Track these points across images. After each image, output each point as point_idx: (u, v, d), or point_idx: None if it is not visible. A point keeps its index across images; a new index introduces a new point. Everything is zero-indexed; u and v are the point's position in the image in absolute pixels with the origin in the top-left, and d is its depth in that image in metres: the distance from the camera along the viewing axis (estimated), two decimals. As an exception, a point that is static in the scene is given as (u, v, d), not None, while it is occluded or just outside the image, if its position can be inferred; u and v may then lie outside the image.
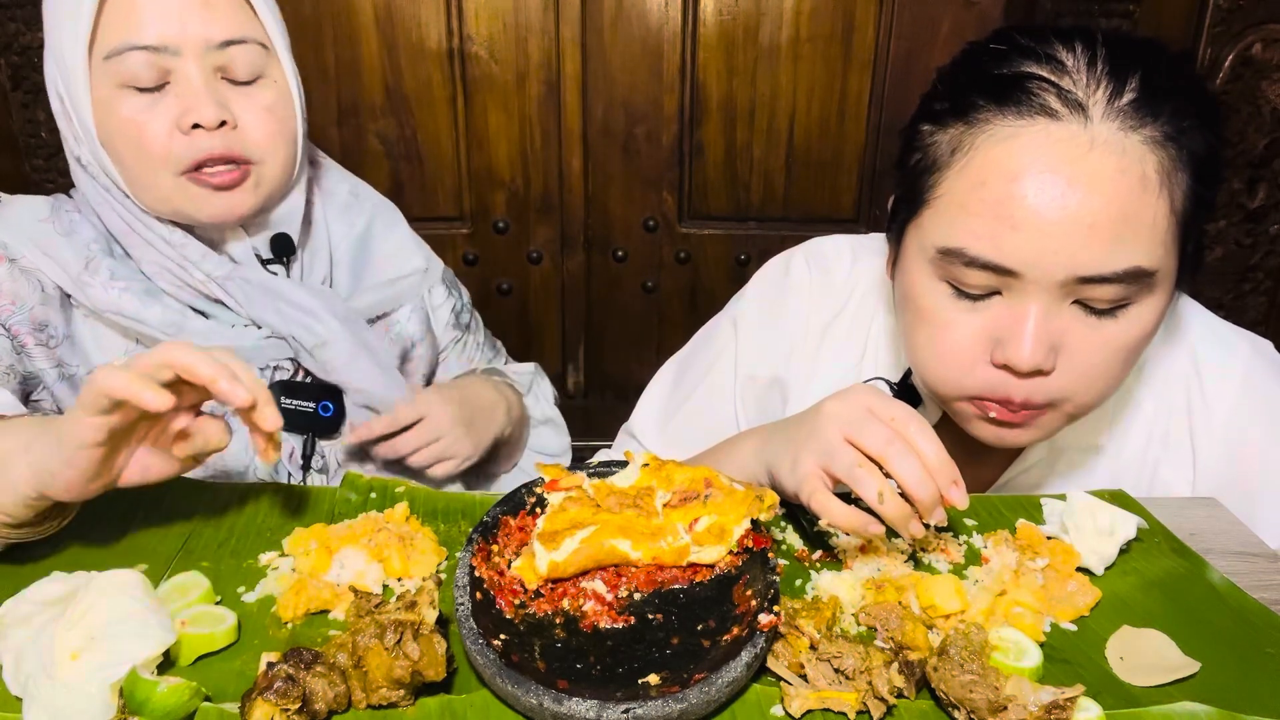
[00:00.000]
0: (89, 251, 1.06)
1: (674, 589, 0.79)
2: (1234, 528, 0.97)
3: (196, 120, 1.00)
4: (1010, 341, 0.83)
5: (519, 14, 1.92)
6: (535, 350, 2.23)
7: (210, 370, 0.71)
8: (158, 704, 0.64)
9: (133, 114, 0.99)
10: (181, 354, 0.72)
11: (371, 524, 0.86)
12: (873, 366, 1.06)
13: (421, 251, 1.32)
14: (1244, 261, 2.18)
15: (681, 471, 0.84)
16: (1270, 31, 1.98)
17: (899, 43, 1.97)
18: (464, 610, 0.72)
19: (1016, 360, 0.83)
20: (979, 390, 0.87)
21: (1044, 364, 0.83)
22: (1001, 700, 0.66)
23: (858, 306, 1.08)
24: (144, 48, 0.97)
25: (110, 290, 1.05)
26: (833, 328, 1.08)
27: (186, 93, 0.99)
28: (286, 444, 1.14)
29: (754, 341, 1.13)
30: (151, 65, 0.98)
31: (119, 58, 0.97)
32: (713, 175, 2.09)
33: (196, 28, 0.98)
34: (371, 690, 0.67)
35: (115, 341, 1.09)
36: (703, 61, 1.98)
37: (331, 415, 1.15)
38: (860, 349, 1.07)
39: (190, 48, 0.98)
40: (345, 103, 1.94)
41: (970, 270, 0.83)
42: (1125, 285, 0.81)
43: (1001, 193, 0.80)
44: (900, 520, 0.78)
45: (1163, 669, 0.74)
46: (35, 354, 1.06)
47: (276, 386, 1.13)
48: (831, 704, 0.68)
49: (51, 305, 1.06)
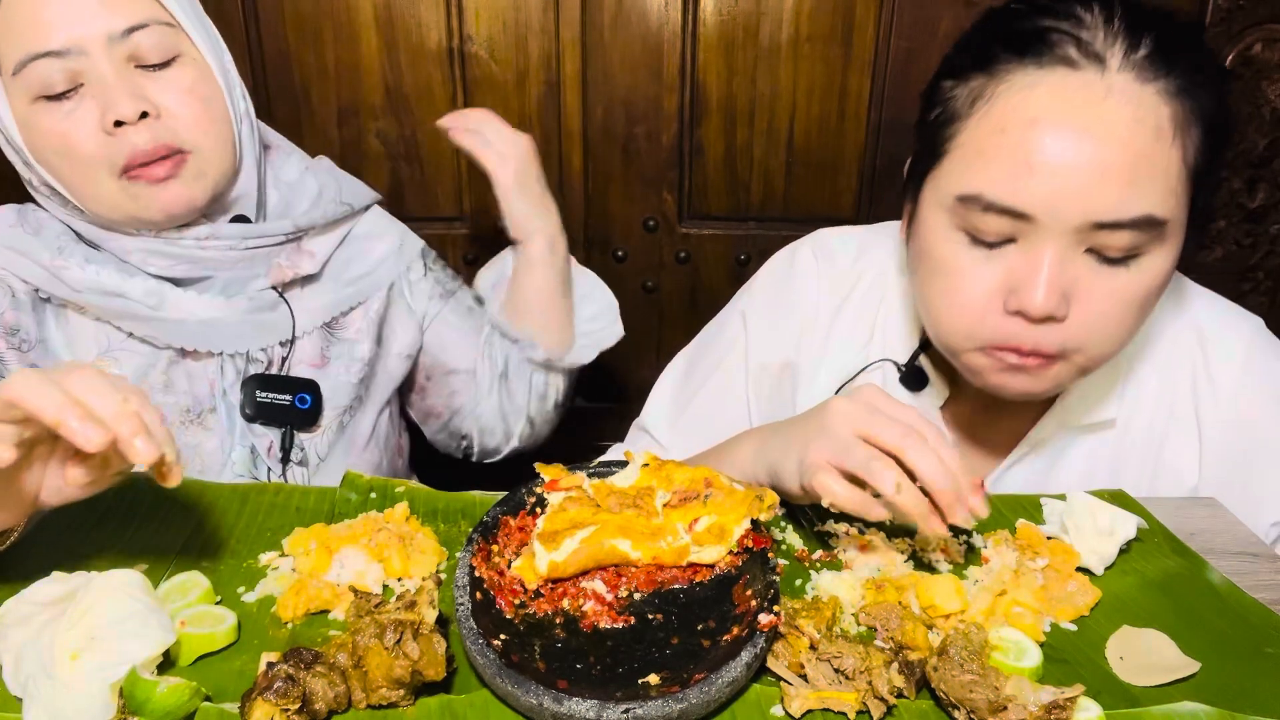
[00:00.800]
0: (59, 241, 1.05)
1: (674, 589, 0.79)
2: (1234, 528, 0.97)
3: (116, 117, 0.97)
4: (1024, 288, 0.84)
5: (519, 14, 1.92)
6: (535, 350, 2.23)
7: (54, 412, 0.63)
8: (158, 704, 0.64)
9: (54, 124, 0.97)
10: (18, 389, 0.64)
11: (371, 524, 0.86)
12: (880, 349, 1.06)
13: (394, 230, 1.30)
14: (1244, 261, 2.18)
15: (681, 471, 0.84)
16: (1270, 31, 1.98)
17: (899, 43, 1.97)
18: (464, 610, 0.72)
19: (1030, 307, 0.84)
20: (992, 339, 0.88)
21: (1056, 311, 0.84)
22: (1001, 700, 0.66)
23: (865, 292, 1.09)
24: (48, 54, 0.94)
25: (87, 270, 1.04)
26: (841, 312, 1.09)
27: (101, 91, 0.97)
28: (265, 438, 1.13)
29: (764, 330, 1.13)
30: (60, 70, 0.95)
31: (26, 69, 0.95)
32: (713, 175, 2.09)
33: (96, 23, 0.95)
34: (371, 690, 0.67)
35: (88, 341, 1.08)
36: (703, 61, 1.98)
37: (309, 407, 1.14)
38: (868, 333, 1.08)
39: (94, 44, 0.96)
40: (345, 103, 1.94)
41: (987, 216, 0.84)
42: (1137, 232, 0.82)
43: (1019, 138, 0.82)
44: (919, 512, 0.77)
45: (1163, 669, 0.74)
46: (9, 358, 1.05)
47: (252, 380, 1.12)
48: (831, 704, 0.68)
49: (23, 309, 1.05)
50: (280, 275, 1.13)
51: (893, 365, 1.05)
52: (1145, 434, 1.03)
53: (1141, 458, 1.02)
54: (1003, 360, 0.89)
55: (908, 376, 1.04)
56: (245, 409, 1.12)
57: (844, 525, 0.92)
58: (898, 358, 1.06)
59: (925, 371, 1.04)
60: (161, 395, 1.09)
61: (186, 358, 1.11)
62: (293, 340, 1.15)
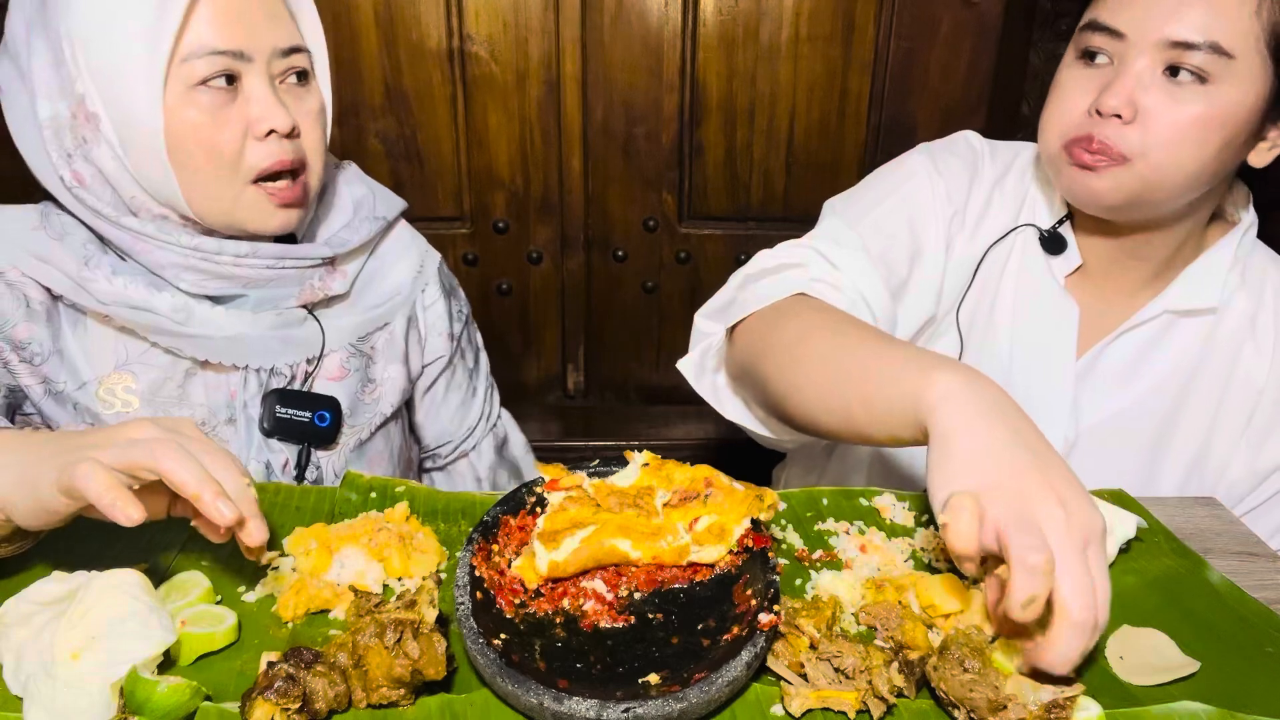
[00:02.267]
0: (85, 251, 1.04)
1: (674, 589, 0.79)
2: (1234, 528, 0.97)
3: (272, 126, 1.00)
4: (1106, 91, 1.01)
5: (519, 14, 1.92)
6: (535, 350, 2.23)
7: (195, 487, 0.69)
8: (158, 704, 0.64)
9: (205, 119, 0.98)
10: (167, 461, 0.69)
11: (371, 524, 0.86)
12: (1029, 217, 1.20)
13: (415, 247, 1.28)
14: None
15: (681, 471, 0.84)
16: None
17: (899, 43, 1.97)
18: (464, 610, 0.72)
19: (1104, 102, 1.00)
20: (1073, 131, 1.04)
21: (1123, 110, 0.99)
22: (1001, 699, 0.66)
23: (1021, 169, 1.23)
24: (220, 52, 0.97)
25: (115, 282, 1.03)
26: (1002, 183, 1.22)
27: (258, 99, 1.00)
28: (280, 454, 1.12)
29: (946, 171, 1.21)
30: (223, 68, 0.98)
31: (194, 62, 0.96)
32: (713, 175, 2.09)
33: (267, 35, 1.00)
34: (372, 689, 0.67)
35: (106, 352, 1.07)
36: (703, 61, 1.98)
37: (328, 425, 1.13)
38: (1019, 203, 1.21)
39: (260, 54, 0.99)
40: (345, 103, 1.94)
41: (1095, 35, 1.02)
42: (1207, 55, 0.96)
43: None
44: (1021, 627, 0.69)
45: (1163, 668, 0.74)
46: (19, 370, 1.04)
47: (273, 395, 1.11)
48: (831, 703, 0.68)
49: (36, 320, 1.04)
50: (311, 295, 1.12)
51: (1034, 229, 1.18)
52: (1231, 335, 1.15)
53: (1224, 356, 1.15)
54: (1076, 157, 1.03)
55: (1048, 241, 1.17)
56: (264, 423, 1.11)
57: (844, 524, 0.92)
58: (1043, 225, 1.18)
59: (1064, 238, 1.17)
60: (174, 409, 1.08)
61: (207, 369, 1.09)
62: (320, 357, 1.15)
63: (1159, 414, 1.15)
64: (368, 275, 1.21)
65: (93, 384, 1.05)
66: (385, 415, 1.22)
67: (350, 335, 1.17)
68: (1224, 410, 1.15)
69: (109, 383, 1.06)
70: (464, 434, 1.39)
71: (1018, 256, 1.18)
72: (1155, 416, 1.16)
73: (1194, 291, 1.14)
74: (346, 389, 1.17)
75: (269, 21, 1.00)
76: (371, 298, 1.21)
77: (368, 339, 1.20)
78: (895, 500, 0.96)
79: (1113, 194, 1.03)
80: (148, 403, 1.07)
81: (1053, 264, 1.16)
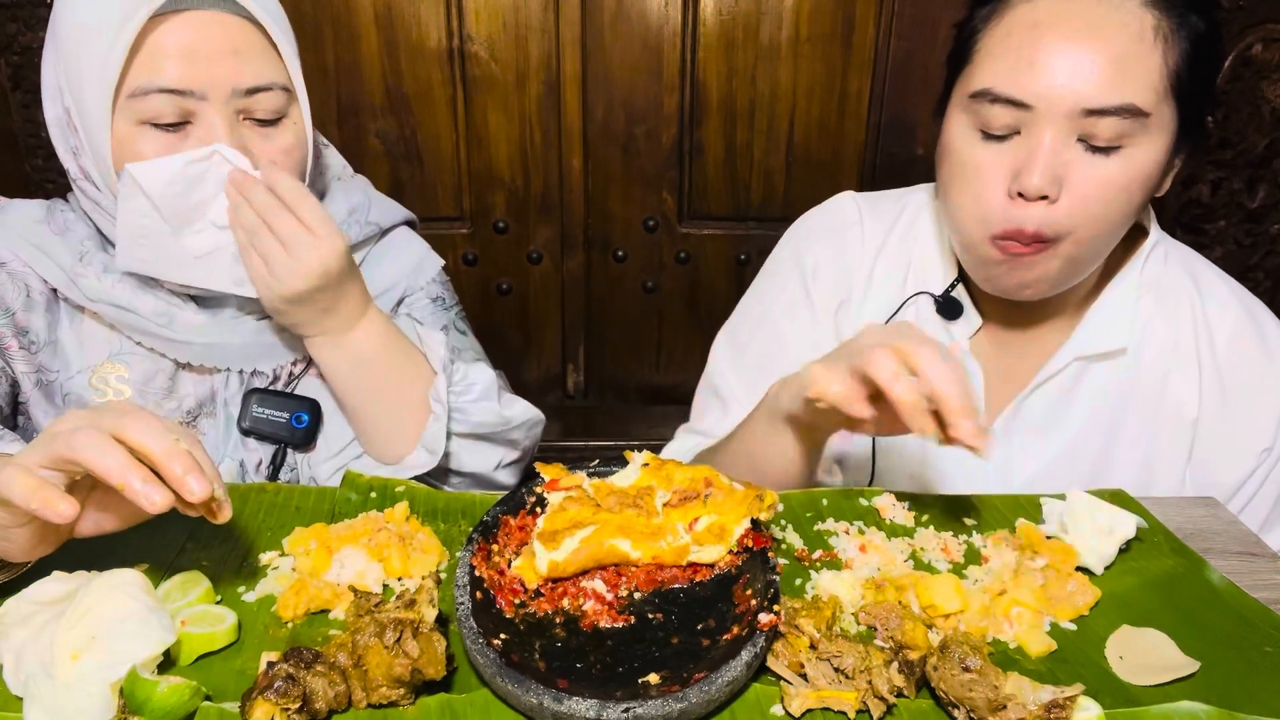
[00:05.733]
0: (82, 247, 1.06)
1: (674, 588, 0.79)
2: (1234, 528, 0.97)
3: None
4: (1024, 171, 0.96)
5: (519, 14, 1.93)
6: (535, 350, 2.23)
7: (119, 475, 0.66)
8: (158, 704, 0.64)
9: (152, 152, 0.97)
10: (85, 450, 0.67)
11: (371, 524, 0.86)
12: (917, 284, 1.18)
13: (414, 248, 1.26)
14: (1244, 261, 2.18)
15: (681, 471, 0.84)
16: (1270, 31, 1.98)
17: (899, 42, 1.97)
18: (464, 610, 0.72)
19: (1026, 184, 0.96)
20: (1000, 226, 0.99)
21: (1049, 190, 0.95)
22: (1001, 699, 0.66)
23: (903, 232, 1.21)
24: (169, 90, 0.95)
25: (104, 280, 1.04)
26: (883, 250, 1.21)
27: (208, 138, 0.98)
28: (255, 453, 1.12)
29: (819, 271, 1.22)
30: (175, 106, 0.96)
31: (143, 98, 0.95)
32: (713, 175, 2.09)
33: (225, 75, 0.97)
34: (371, 689, 0.67)
35: (99, 344, 1.08)
36: (703, 61, 1.98)
37: (306, 426, 1.12)
38: (905, 269, 1.20)
39: (216, 94, 0.97)
40: (345, 103, 1.94)
41: (994, 108, 0.97)
42: (1122, 120, 0.94)
43: (1021, 39, 0.96)
44: (911, 402, 0.82)
45: (1162, 668, 0.74)
46: (16, 358, 1.06)
47: (252, 394, 1.11)
48: (831, 703, 0.68)
49: (35, 310, 1.06)
50: None
51: (929, 297, 1.16)
52: (1152, 366, 1.12)
53: (1149, 388, 1.12)
54: (1007, 250, 1.00)
55: (943, 306, 1.15)
56: (241, 422, 1.11)
57: (844, 524, 0.92)
58: (934, 290, 1.17)
59: (959, 302, 1.15)
60: (164, 400, 1.09)
61: (191, 367, 1.10)
62: (309, 362, 1.15)
63: (1090, 457, 1.13)
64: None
65: (85, 372, 1.07)
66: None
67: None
68: (1160, 444, 1.11)
69: (101, 370, 1.08)
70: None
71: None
72: (1087, 460, 1.13)
73: (1101, 335, 1.11)
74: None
75: (231, 59, 0.97)
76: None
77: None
78: (895, 500, 0.96)
79: (1039, 284, 1.02)
80: (140, 394, 1.08)
81: (952, 329, 1.14)
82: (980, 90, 0.98)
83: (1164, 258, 1.13)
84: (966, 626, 0.77)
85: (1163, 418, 1.11)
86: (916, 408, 0.82)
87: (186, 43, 0.95)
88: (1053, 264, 1.00)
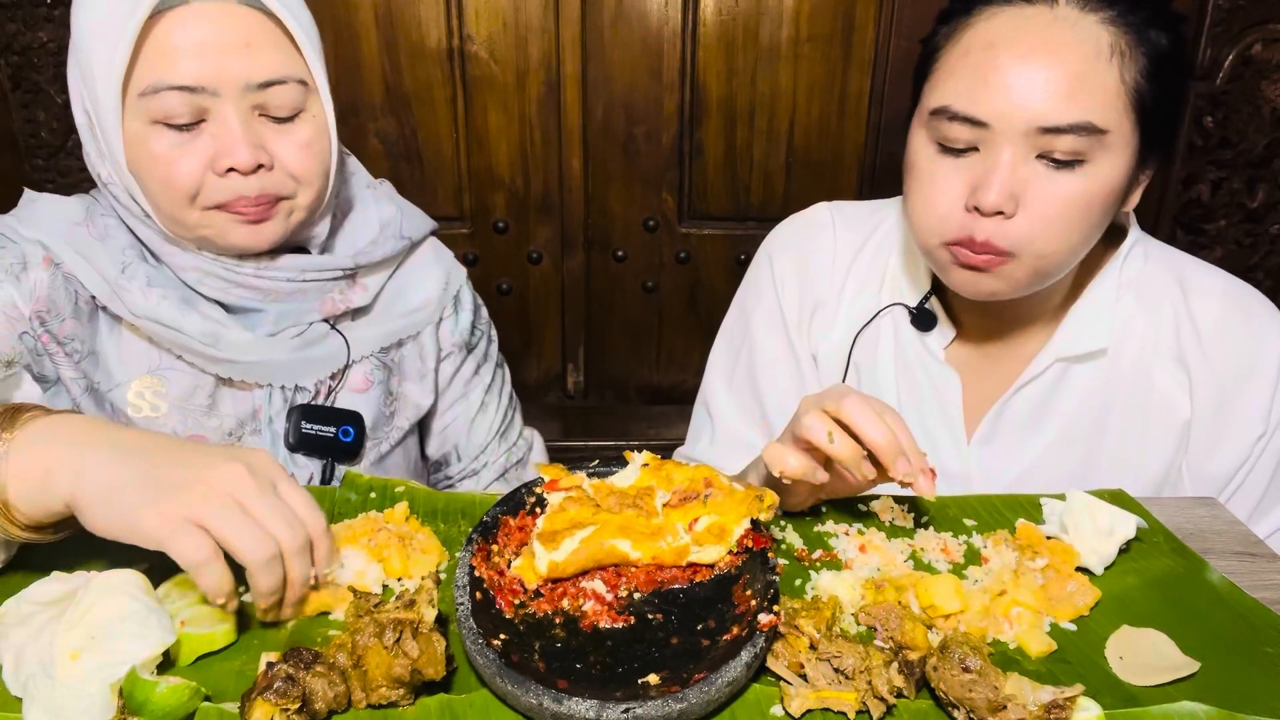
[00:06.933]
0: (124, 257, 1.03)
1: (674, 589, 0.79)
2: (1234, 528, 0.97)
3: (231, 164, 0.97)
4: (980, 187, 0.97)
5: (519, 14, 1.92)
6: (535, 350, 2.23)
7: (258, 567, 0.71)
8: (158, 704, 0.64)
9: (164, 151, 0.96)
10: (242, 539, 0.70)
11: (371, 524, 0.86)
12: (891, 295, 1.19)
13: (441, 263, 1.25)
14: (1244, 261, 2.18)
15: (681, 471, 0.84)
16: (1270, 31, 1.98)
17: (899, 42, 1.97)
18: (464, 610, 0.72)
19: (982, 200, 0.96)
20: (954, 234, 1.00)
21: (1005, 206, 0.96)
22: (1001, 700, 0.66)
23: (878, 243, 1.21)
24: (181, 88, 0.93)
25: (149, 296, 1.02)
26: (856, 261, 1.22)
27: (222, 134, 0.96)
28: (304, 470, 1.12)
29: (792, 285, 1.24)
30: (188, 104, 0.94)
31: (154, 96, 0.94)
32: (713, 175, 2.09)
33: (237, 69, 0.95)
34: (371, 689, 0.67)
35: (139, 357, 1.06)
36: (703, 61, 1.98)
37: (352, 440, 1.12)
38: (880, 280, 1.20)
39: (229, 89, 0.95)
40: (345, 103, 1.94)
41: (953, 125, 0.98)
42: (1079, 137, 0.94)
43: (979, 58, 0.97)
44: (851, 456, 0.85)
45: (1163, 669, 0.74)
46: (62, 363, 1.03)
47: (297, 410, 1.11)
48: (831, 704, 0.68)
49: (80, 318, 1.04)
50: (332, 308, 1.11)
51: (904, 308, 1.17)
52: (1134, 366, 1.12)
53: (1132, 387, 1.12)
54: (959, 255, 1.01)
55: (918, 318, 1.16)
56: (289, 439, 1.10)
57: (843, 525, 0.92)
58: (908, 301, 1.18)
59: (933, 313, 1.16)
60: (205, 418, 1.08)
61: (232, 383, 1.09)
62: (346, 369, 1.14)
63: (1076, 457, 1.13)
64: (392, 291, 1.20)
65: (124, 386, 1.05)
66: (404, 429, 1.21)
67: (373, 345, 1.17)
68: (1146, 443, 1.11)
69: (139, 386, 1.06)
70: (474, 451, 1.32)
71: (889, 336, 1.18)
72: (1073, 460, 1.13)
73: (1082, 335, 1.11)
74: (371, 401, 1.17)
75: (245, 53, 0.95)
76: (396, 311, 1.20)
77: (390, 351, 1.19)
78: (895, 501, 0.96)
79: (1006, 290, 1.02)
80: (179, 410, 1.07)
81: (927, 340, 1.15)
82: (939, 108, 0.99)
83: (1144, 256, 1.13)
84: (966, 627, 0.77)
85: (1149, 416, 1.11)
86: (854, 460, 0.85)
87: (197, 37, 0.94)
88: (1018, 273, 1.00)
